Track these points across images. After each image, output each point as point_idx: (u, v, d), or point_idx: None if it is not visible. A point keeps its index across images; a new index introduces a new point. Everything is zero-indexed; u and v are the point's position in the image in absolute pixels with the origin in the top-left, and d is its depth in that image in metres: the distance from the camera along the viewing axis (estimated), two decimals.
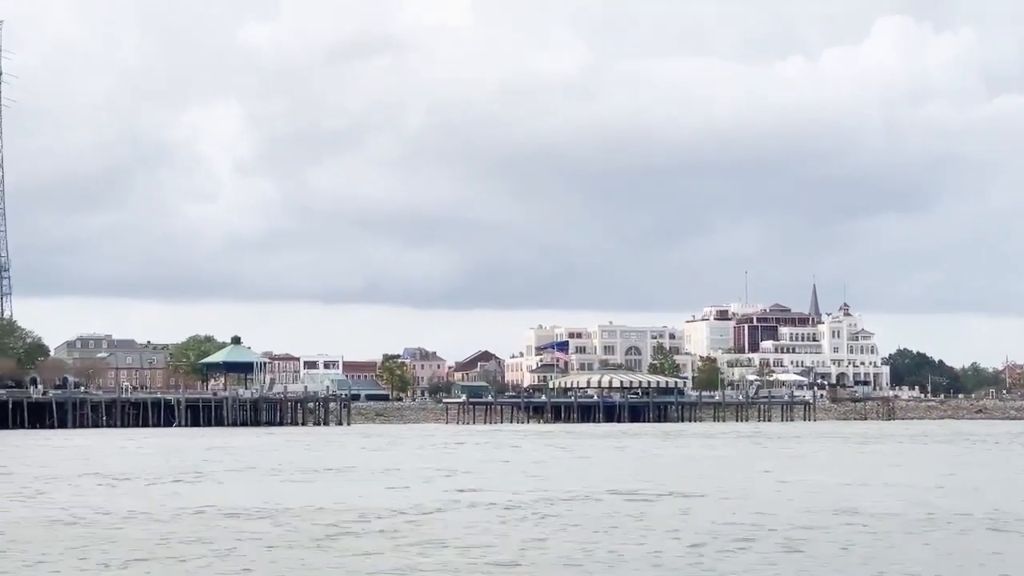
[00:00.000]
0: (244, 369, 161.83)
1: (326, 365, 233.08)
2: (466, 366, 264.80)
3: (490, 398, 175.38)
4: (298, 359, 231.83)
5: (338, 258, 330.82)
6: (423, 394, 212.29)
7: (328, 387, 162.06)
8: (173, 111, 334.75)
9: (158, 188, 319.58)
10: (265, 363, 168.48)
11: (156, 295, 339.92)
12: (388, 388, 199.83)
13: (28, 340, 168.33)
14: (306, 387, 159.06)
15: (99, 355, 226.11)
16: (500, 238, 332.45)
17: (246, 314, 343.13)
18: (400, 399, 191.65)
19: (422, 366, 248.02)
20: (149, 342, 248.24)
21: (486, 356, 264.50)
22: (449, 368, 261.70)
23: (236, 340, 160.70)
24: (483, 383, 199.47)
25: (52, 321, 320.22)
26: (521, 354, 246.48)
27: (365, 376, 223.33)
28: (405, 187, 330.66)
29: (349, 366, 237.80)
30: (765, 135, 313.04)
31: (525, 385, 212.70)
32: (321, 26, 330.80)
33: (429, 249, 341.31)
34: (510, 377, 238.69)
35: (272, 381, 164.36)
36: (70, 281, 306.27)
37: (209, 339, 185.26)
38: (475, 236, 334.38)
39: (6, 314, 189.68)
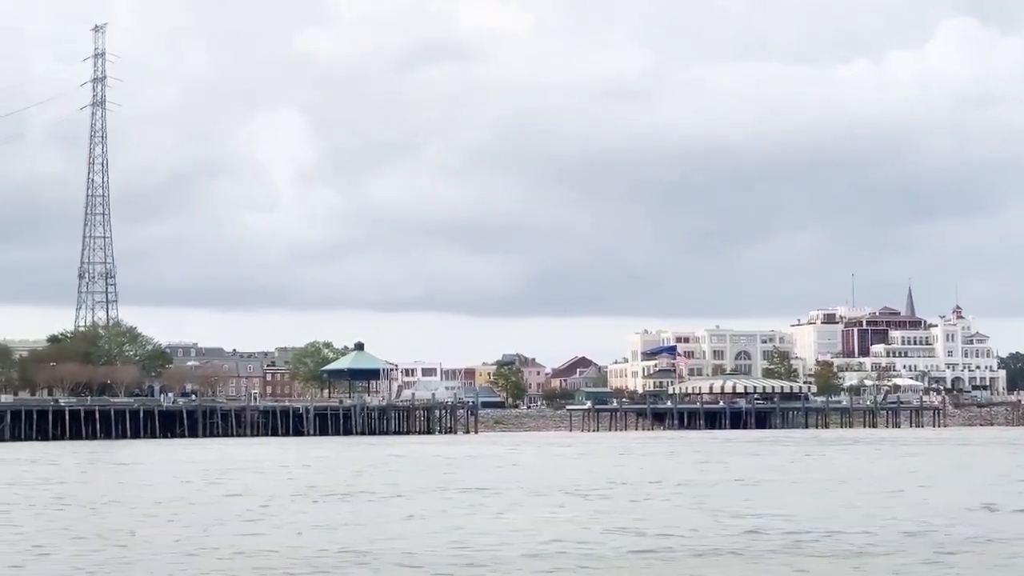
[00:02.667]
0: (369, 376, 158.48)
1: (424, 372, 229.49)
2: (564, 372, 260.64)
3: (615, 404, 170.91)
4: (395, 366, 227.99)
5: (397, 266, 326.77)
6: (532, 400, 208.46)
7: (455, 395, 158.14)
8: (234, 120, 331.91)
9: (218, 197, 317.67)
10: (390, 370, 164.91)
11: (214, 304, 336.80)
12: (503, 395, 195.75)
13: (148, 347, 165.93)
14: (434, 395, 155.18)
15: (189, 363, 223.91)
16: (561, 245, 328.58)
17: (304, 322, 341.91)
18: (516, 406, 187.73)
19: (521, 373, 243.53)
20: (235, 350, 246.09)
21: (584, 362, 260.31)
22: (547, 375, 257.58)
23: (359, 346, 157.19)
24: (607, 390, 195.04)
25: None
26: (626, 359, 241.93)
27: (467, 383, 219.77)
28: (465, 194, 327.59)
29: (448, 373, 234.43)
30: (828, 138, 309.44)
31: (629, 391, 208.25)
32: (381, 33, 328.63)
33: (489, 256, 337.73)
34: (615, 383, 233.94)
35: (400, 388, 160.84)
36: (128, 291, 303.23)
37: (328, 345, 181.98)
38: (536, 243, 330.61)
39: (106, 321, 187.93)
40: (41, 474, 63.99)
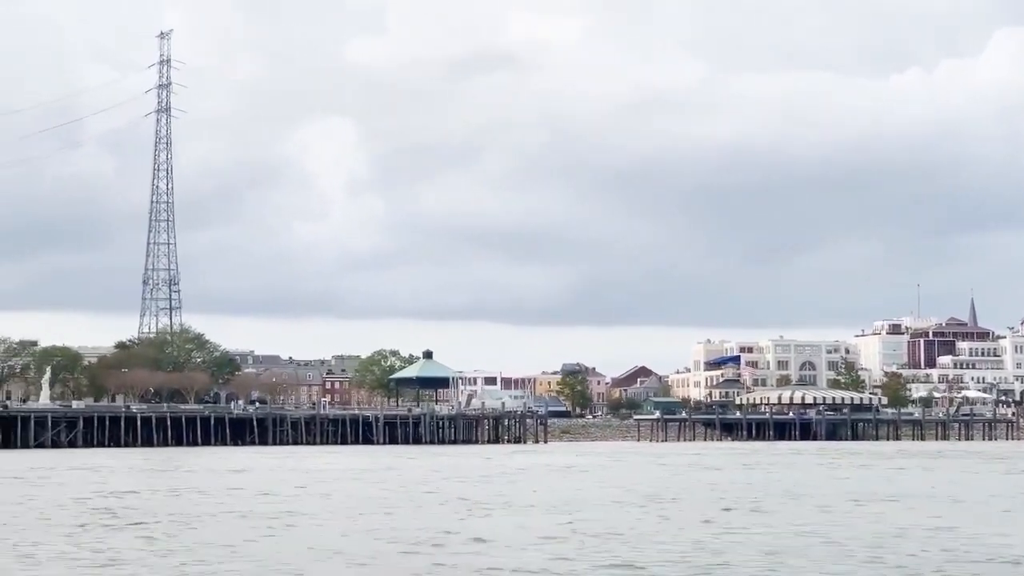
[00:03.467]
0: (438, 385, 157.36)
1: (485, 381, 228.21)
2: (624, 382, 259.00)
3: (684, 415, 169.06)
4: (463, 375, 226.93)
5: (444, 275, 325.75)
6: (594, 410, 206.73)
7: (524, 404, 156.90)
8: (285, 128, 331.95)
9: (269, 205, 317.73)
10: (460, 378, 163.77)
11: (262, 312, 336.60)
12: (568, 405, 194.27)
13: (216, 354, 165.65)
14: (503, 403, 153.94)
15: (246, 370, 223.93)
16: (608, 254, 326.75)
17: (353, 331, 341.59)
18: (581, 416, 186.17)
19: (587, 382, 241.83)
20: (291, 357, 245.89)
21: (644, 372, 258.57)
22: (607, 384, 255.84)
23: (428, 355, 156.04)
24: (675, 400, 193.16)
25: None
26: (688, 369, 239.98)
27: (528, 392, 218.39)
28: (513, 204, 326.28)
29: (506, 382, 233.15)
30: (879, 148, 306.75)
31: (695, 401, 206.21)
32: (430, 42, 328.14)
33: (536, 266, 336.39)
34: (677, 393, 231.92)
35: (469, 397, 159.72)
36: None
37: (395, 353, 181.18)
38: (583, 252, 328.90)
39: (169, 327, 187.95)
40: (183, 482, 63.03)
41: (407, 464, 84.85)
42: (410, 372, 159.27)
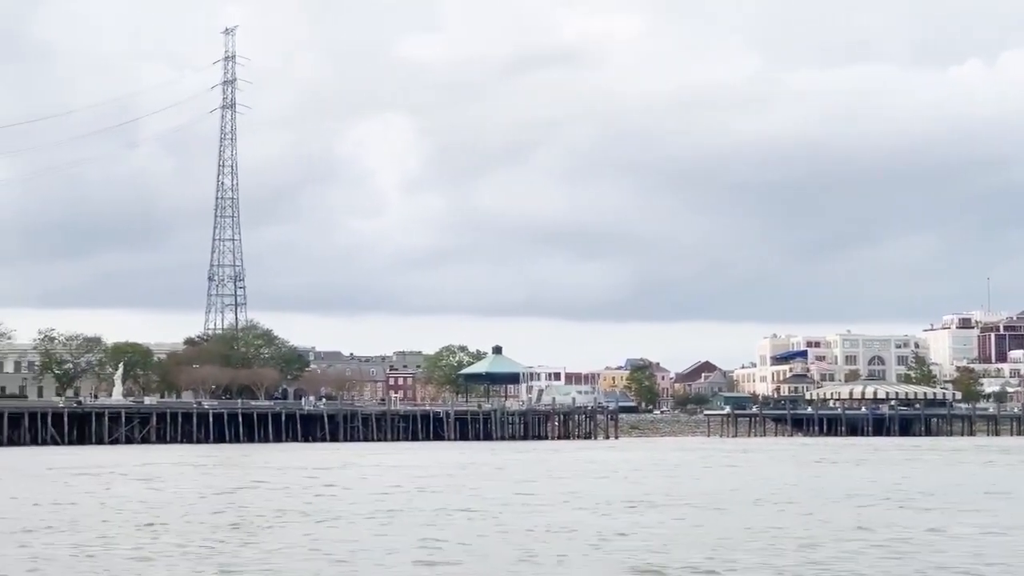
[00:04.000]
0: (508, 380, 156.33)
1: (549, 376, 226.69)
2: (688, 377, 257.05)
3: (754, 410, 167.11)
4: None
5: (501, 271, 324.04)
6: (659, 405, 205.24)
7: (595, 399, 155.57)
8: (342, 126, 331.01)
9: (325, 203, 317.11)
10: (530, 374, 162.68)
11: (319, 308, 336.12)
12: (636, 400, 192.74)
13: (283, 349, 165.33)
14: (574, 399, 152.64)
15: (311, 366, 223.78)
16: (666, 250, 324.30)
17: (409, 327, 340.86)
18: (649, 411, 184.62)
19: (654, 378, 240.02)
20: (352, 354, 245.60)
21: (708, 367, 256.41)
22: (671, 379, 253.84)
23: (497, 350, 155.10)
24: (745, 395, 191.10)
25: None
26: (753, 364, 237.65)
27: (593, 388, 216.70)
28: (569, 200, 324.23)
29: (569, 377, 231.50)
30: (940, 141, 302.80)
31: (763, 396, 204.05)
32: (487, 38, 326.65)
33: (593, 262, 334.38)
34: (742, 388, 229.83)
35: (540, 393, 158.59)
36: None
37: (463, 349, 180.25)
38: (640, 248, 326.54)
39: (235, 323, 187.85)
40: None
41: (521, 459, 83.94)
42: (479, 368, 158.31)
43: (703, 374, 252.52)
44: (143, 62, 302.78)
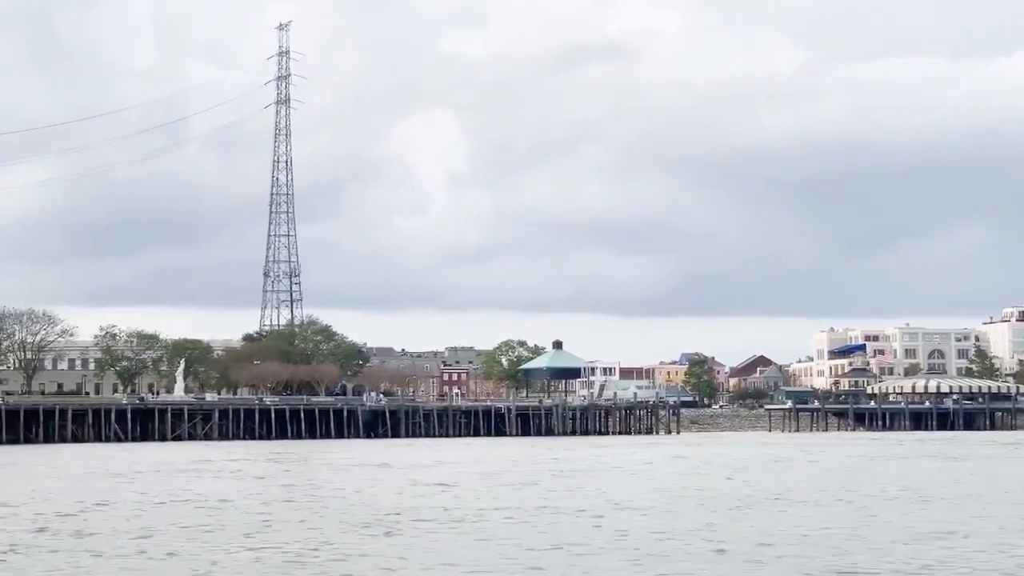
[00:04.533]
0: (568, 375, 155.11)
1: (604, 372, 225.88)
2: (743, 371, 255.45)
3: (816, 404, 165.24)
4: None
5: (547, 266, 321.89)
6: (715, 399, 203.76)
7: (656, 394, 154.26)
8: (386, 122, 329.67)
9: (370, 199, 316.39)
10: (592, 369, 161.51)
11: (365, 305, 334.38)
12: (695, 394, 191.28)
13: (343, 346, 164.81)
14: (636, 394, 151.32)
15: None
16: (712, 244, 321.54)
17: (457, 323, 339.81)
18: (708, 405, 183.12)
19: (712, 372, 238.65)
20: (404, 349, 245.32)
21: (764, 361, 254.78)
22: (725, 374, 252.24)
23: (558, 345, 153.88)
24: (806, 389, 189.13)
25: None
26: (810, 358, 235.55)
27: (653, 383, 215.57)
28: (616, 195, 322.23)
29: (624, 372, 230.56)
30: (988, 133, 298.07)
31: (823, 391, 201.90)
32: (532, 33, 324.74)
33: (639, 257, 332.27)
34: (801, 382, 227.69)
35: (601, 388, 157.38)
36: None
37: (522, 344, 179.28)
38: (686, 243, 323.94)
39: (290, 320, 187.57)
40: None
41: (610, 455, 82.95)
42: (540, 363, 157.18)
43: (758, 368, 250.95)
44: (190, 60, 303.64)
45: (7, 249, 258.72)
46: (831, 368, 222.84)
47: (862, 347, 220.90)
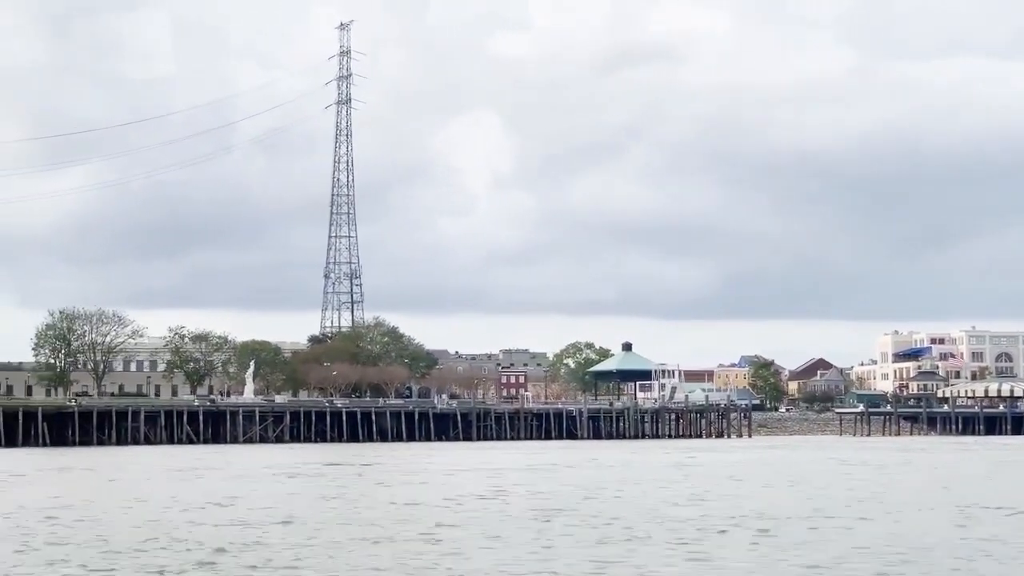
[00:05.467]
0: (639, 377, 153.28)
1: (665, 374, 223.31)
2: (802, 374, 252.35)
3: (888, 408, 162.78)
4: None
5: (591, 269, 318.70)
6: (778, 402, 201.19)
7: (728, 397, 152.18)
8: (432, 124, 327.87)
9: (416, 201, 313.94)
10: (662, 371, 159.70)
11: (411, 307, 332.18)
12: (761, 398, 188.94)
13: (410, 347, 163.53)
14: (707, 397, 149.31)
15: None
16: (758, 247, 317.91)
17: (502, 325, 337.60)
18: (775, 409, 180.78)
19: (779, 375, 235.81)
20: (458, 352, 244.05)
21: (824, 364, 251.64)
22: (785, 376, 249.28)
23: (627, 347, 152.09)
24: (878, 392, 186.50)
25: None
26: (873, 361, 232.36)
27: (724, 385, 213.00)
28: (661, 197, 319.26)
29: (685, 375, 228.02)
30: None
31: (892, 394, 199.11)
32: (577, 36, 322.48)
33: (684, 259, 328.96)
34: (866, 386, 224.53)
35: (673, 390, 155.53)
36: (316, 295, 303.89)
37: (590, 346, 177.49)
38: (732, 245, 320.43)
39: (351, 321, 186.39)
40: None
41: (715, 459, 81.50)
42: (610, 365, 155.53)
43: (818, 371, 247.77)
44: (239, 63, 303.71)
45: (59, 252, 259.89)
46: (896, 371, 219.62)
47: (928, 350, 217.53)
